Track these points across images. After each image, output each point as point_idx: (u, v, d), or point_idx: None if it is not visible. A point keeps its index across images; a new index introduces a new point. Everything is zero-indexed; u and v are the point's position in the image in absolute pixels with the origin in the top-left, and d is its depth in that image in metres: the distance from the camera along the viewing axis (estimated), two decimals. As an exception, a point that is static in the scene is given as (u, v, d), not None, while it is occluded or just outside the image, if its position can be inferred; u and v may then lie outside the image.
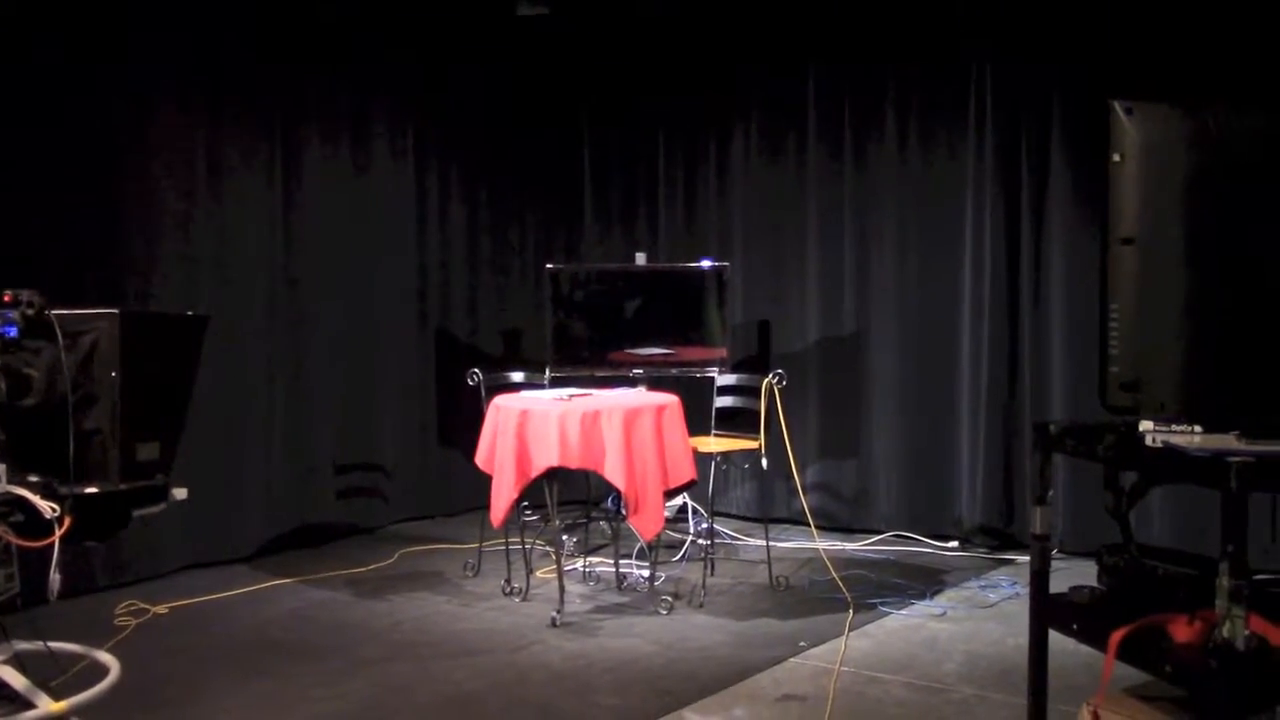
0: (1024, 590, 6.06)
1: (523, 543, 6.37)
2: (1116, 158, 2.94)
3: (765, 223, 8.07)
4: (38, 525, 3.49)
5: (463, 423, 7.32)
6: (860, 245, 7.72)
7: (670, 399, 5.94)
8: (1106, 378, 3.02)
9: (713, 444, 6.55)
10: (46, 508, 3.46)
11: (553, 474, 5.73)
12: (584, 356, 7.42)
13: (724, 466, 7.57)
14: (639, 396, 6.10)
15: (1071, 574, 4.70)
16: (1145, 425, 3.02)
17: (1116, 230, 2.97)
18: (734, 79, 8.02)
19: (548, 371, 7.32)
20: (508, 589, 6.25)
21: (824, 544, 7.05)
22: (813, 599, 6.12)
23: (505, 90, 8.45)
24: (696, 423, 6.46)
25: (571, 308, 7.55)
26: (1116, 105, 2.95)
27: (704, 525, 6.92)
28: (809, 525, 6.84)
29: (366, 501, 7.84)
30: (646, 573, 6.34)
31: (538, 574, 6.43)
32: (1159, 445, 2.99)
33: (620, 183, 8.65)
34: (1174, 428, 2.97)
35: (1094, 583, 3.52)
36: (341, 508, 7.61)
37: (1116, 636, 3.09)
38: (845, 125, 7.66)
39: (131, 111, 6.31)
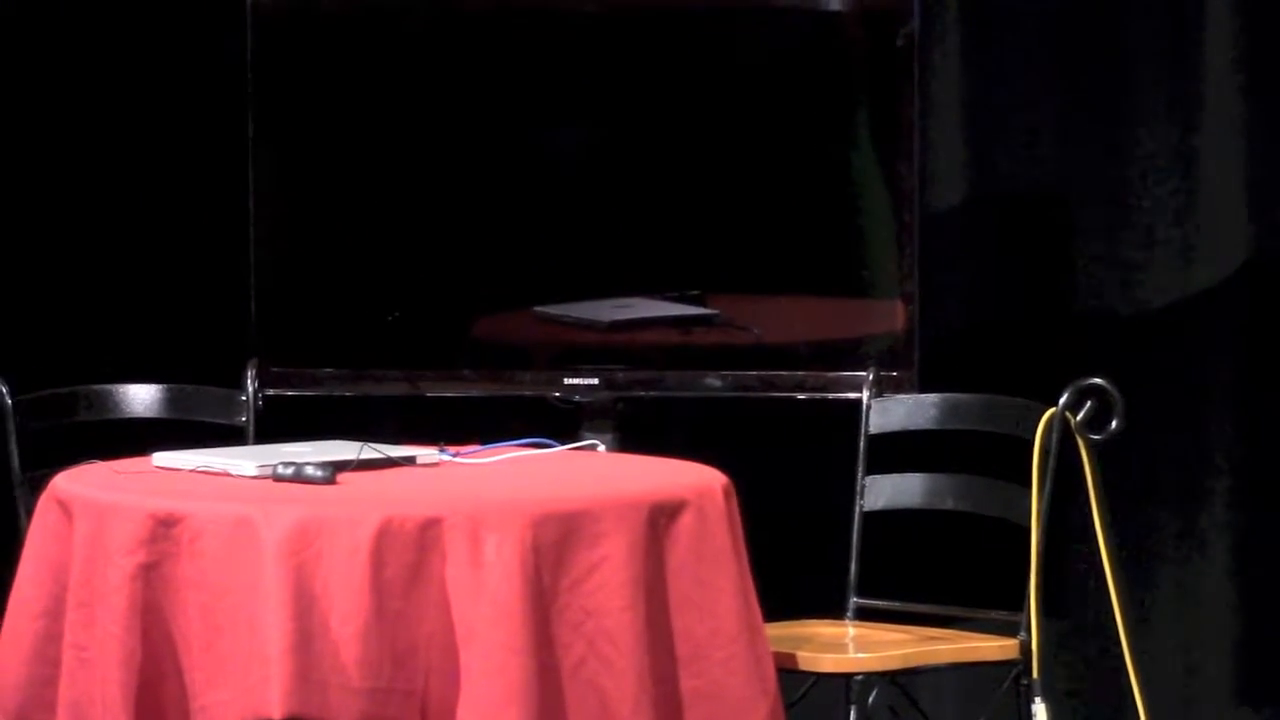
0: None
1: None
2: None
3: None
4: None
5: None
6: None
7: (705, 485, 2.34)
8: None
9: (858, 651, 2.75)
10: None
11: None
12: (380, 333, 2.92)
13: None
14: (585, 474, 2.54)
15: None
16: None
17: None
18: None
19: (250, 382, 2.81)
20: None
21: None
22: None
23: None
24: (798, 575, 2.98)
25: (326, 159, 2.91)
26: None
27: None
28: None
29: None
30: None
31: None
32: None
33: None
34: None
35: None
36: None
37: None
38: None
39: None
